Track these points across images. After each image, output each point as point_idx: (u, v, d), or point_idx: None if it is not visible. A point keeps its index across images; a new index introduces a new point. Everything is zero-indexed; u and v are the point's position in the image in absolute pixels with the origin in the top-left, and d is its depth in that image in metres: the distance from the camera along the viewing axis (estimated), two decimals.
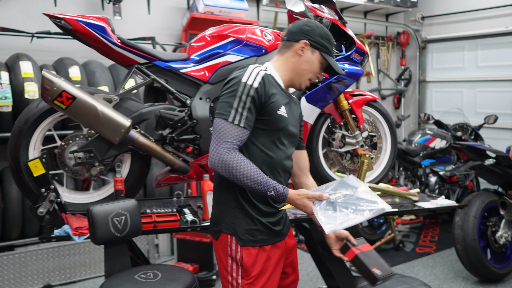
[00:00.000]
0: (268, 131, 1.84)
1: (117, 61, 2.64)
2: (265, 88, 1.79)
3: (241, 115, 1.76)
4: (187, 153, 2.77)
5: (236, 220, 1.86)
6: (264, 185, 1.74)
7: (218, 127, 1.77)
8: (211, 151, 1.77)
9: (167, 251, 4.49)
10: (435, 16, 6.52)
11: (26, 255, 3.67)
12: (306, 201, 1.77)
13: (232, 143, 1.75)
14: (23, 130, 2.50)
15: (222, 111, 1.77)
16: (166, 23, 4.84)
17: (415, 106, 6.88)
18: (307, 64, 1.91)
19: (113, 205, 2.30)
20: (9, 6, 4.00)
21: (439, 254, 4.61)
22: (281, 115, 1.85)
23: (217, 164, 1.75)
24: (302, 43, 1.89)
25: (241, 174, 1.72)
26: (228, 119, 1.75)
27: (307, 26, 1.91)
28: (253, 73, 1.79)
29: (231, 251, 1.87)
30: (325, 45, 1.91)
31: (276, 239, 1.93)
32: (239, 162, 1.73)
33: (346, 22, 2.92)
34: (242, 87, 1.76)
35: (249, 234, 1.86)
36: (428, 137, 5.13)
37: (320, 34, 1.91)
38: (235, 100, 1.76)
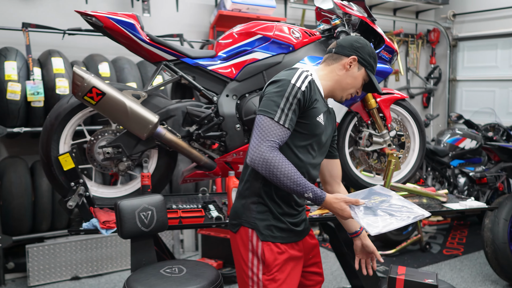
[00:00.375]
0: (304, 135, 1.86)
1: (146, 57, 2.67)
2: (311, 93, 1.81)
3: (287, 115, 1.77)
4: (213, 149, 2.79)
5: (258, 215, 1.88)
6: (302, 187, 1.75)
7: (263, 124, 1.77)
8: (252, 147, 1.77)
9: (192, 247, 4.53)
10: (467, 14, 6.37)
11: (55, 247, 3.76)
12: (344, 205, 1.78)
13: (275, 142, 1.76)
14: (54, 125, 2.56)
15: (268, 109, 1.77)
16: (194, 20, 4.87)
17: (444, 105, 6.75)
18: (352, 79, 1.95)
19: (140, 200, 2.33)
20: (42, 4, 4.10)
21: (467, 256, 4.52)
22: (319, 122, 1.87)
23: (257, 161, 1.75)
24: (351, 58, 1.93)
25: (282, 173, 1.73)
26: (274, 118, 1.76)
27: (358, 43, 1.96)
28: (301, 76, 1.81)
29: (252, 246, 1.88)
30: (371, 63, 1.96)
31: (294, 239, 1.95)
32: (280, 162, 1.74)
33: (375, 20, 2.88)
34: (290, 88, 1.78)
35: (269, 230, 1.87)
36: (457, 137, 5.03)
37: (368, 52, 1.96)
38: (282, 100, 1.77)
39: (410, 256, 4.51)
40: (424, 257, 4.51)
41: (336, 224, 2.98)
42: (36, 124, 3.61)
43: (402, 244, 4.58)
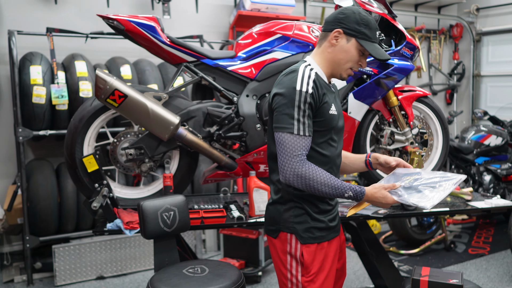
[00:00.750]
0: (322, 131, 1.83)
1: (166, 59, 2.69)
2: (319, 91, 1.78)
3: (304, 124, 1.75)
4: (233, 150, 2.80)
5: (296, 218, 1.87)
6: (341, 189, 1.75)
7: (285, 141, 1.75)
8: (283, 167, 1.76)
9: (214, 247, 4.55)
10: (491, 7, 6.24)
11: (80, 247, 3.82)
12: (385, 192, 1.78)
13: (302, 154, 1.75)
14: (78, 128, 2.60)
15: (284, 124, 1.75)
16: (214, 21, 4.89)
17: (468, 101, 6.62)
18: (343, 54, 1.84)
19: (162, 201, 2.36)
20: (65, 8, 4.17)
21: (493, 256, 4.43)
22: (332, 114, 1.84)
23: (292, 179, 1.75)
24: (335, 32, 1.83)
25: (319, 183, 1.73)
26: (293, 132, 1.74)
27: (341, 14, 1.84)
28: (304, 78, 1.76)
29: (290, 249, 1.88)
30: (361, 31, 1.82)
31: (332, 235, 1.94)
32: (314, 173, 1.74)
33: (396, 16, 2.85)
34: (298, 95, 1.74)
35: (309, 232, 1.86)
36: (482, 134, 4.94)
37: (356, 20, 1.82)
38: (294, 110, 1.74)
39: (435, 256, 4.45)
40: (449, 256, 4.44)
41: (358, 223, 2.96)
42: (60, 126, 3.68)
43: (426, 243, 4.52)
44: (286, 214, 1.88)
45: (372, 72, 2.76)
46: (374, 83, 2.77)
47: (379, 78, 2.75)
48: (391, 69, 2.75)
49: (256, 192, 2.57)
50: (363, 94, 2.79)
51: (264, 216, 2.01)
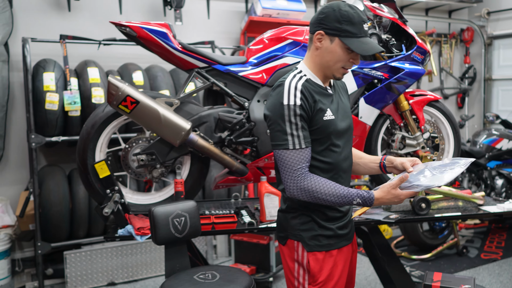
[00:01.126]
0: (320, 139, 1.79)
1: (178, 65, 2.71)
2: (308, 100, 1.73)
3: (298, 137, 1.72)
4: (245, 155, 2.81)
5: (302, 226, 1.85)
6: (348, 197, 1.73)
7: (283, 158, 1.74)
8: (286, 183, 1.75)
9: (225, 252, 4.55)
10: (501, 11, 6.20)
11: (92, 253, 3.84)
12: (394, 192, 1.75)
13: (302, 168, 1.73)
14: (90, 134, 2.63)
15: (279, 141, 1.74)
16: (225, 27, 4.92)
17: (480, 105, 6.58)
18: (329, 55, 1.76)
19: (173, 206, 2.36)
20: (78, 16, 4.22)
21: (506, 261, 4.38)
22: (328, 120, 1.78)
23: (297, 194, 1.74)
24: (317, 34, 1.76)
25: (324, 194, 1.72)
26: (289, 147, 1.72)
27: (321, 14, 1.75)
28: (291, 90, 1.72)
29: (297, 256, 1.87)
30: (343, 28, 1.72)
31: (342, 243, 1.90)
32: (317, 184, 1.72)
33: (406, 21, 2.85)
34: (287, 110, 1.71)
35: (315, 240, 1.84)
36: (494, 137, 4.90)
37: (336, 18, 1.72)
38: (286, 125, 1.72)
39: (447, 261, 4.41)
40: (461, 261, 4.40)
41: (369, 229, 2.95)
42: (73, 133, 3.70)
43: (438, 248, 4.48)
44: (293, 221, 1.87)
45: (383, 76, 2.75)
46: (385, 88, 2.76)
47: (390, 82, 2.75)
48: (402, 73, 2.75)
49: (267, 198, 2.57)
50: (374, 99, 2.78)
51: (276, 222, 2.01)
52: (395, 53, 2.80)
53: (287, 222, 1.89)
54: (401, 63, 2.77)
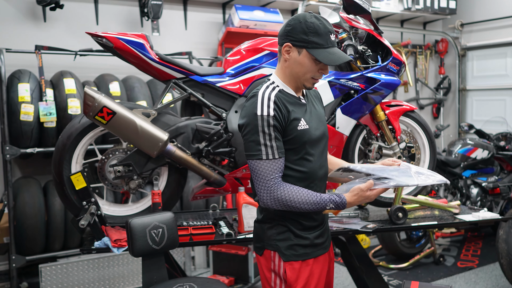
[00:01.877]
0: (294, 149, 1.81)
1: (155, 76, 2.70)
2: (282, 111, 1.75)
3: (272, 147, 1.73)
4: (222, 166, 2.80)
5: (279, 236, 1.86)
6: (321, 203, 1.75)
7: (256, 168, 1.75)
8: (259, 193, 1.76)
9: (203, 263, 4.52)
10: (475, 23, 6.36)
11: (68, 266, 3.77)
12: (366, 193, 1.79)
13: (275, 178, 1.75)
14: (66, 145, 2.59)
15: (252, 151, 1.75)
16: (203, 38, 4.92)
17: (455, 115, 6.71)
18: (298, 66, 1.79)
19: (150, 218, 2.34)
20: (54, 26, 4.18)
21: (482, 269, 4.45)
22: (302, 129, 1.80)
23: (271, 203, 1.75)
24: (285, 46, 1.78)
25: (297, 202, 1.74)
26: (262, 158, 1.73)
27: (288, 26, 1.78)
28: (264, 101, 1.74)
29: (274, 266, 1.87)
30: (310, 40, 1.74)
31: (318, 252, 1.91)
32: (290, 192, 1.74)
33: (382, 32, 2.90)
34: (260, 120, 1.72)
35: (291, 249, 1.85)
36: (469, 147, 4.99)
37: (302, 30, 1.74)
38: (259, 136, 1.73)
39: (424, 270, 4.45)
40: (438, 270, 4.45)
41: (347, 238, 2.96)
42: (48, 144, 3.65)
43: (415, 257, 4.53)
44: (269, 231, 1.87)
45: (359, 87, 2.79)
46: (361, 98, 2.80)
47: (366, 93, 2.79)
48: (378, 84, 2.79)
49: (245, 208, 2.57)
50: (351, 109, 2.81)
51: (252, 233, 2.01)
52: (371, 64, 2.85)
53: (264, 232, 1.89)
54: (377, 74, 2.81)
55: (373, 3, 5.40)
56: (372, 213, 3.00)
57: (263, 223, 1.90)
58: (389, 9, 5.62)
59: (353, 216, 2.88)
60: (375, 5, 5.42)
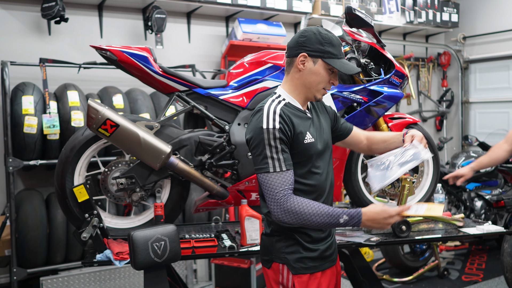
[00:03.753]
0: (300, 162, 1.82)
1: (159, 89, 2.71)
2: (287, 124, 1.76)
3: (279, 160, 1.73)
4: (225, 178, 2.80)
5: (288, 249, 1.85)
6: (334, 216, 1.72)
7: (265, 181, 1.75)
8: (271, 207, 1.75)
9: (205, 277, 4.49)
10: (477, 36, 6.39)
11: (69, 279, 3.75)
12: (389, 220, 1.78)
13: (285, 190, 1.73)
14: (69, 157, 2.59)
15: (261, 165, 1.75)
16: (206, 51, 4.95)
17: (458, 128, 6.70)
18: (313, 76, 1.82)
19: (153, 231, 2.33)
20: (59, 39, 4.21)
21: (487, 282, 4.41)
22: (308, 143, 1.82)
23: (282, 217, 1.74)
24: (300, 56, 1.81)
25: (310, 214, 1.71)
26: (269, 171, 1.73)
27: (302, 37, 1.82)
28: (270, 115, 1.75)
29: (282, 279, 1.86)
30: (326, 50, 1.80)
31: (326, 265, 1.91)
32: (302, 205, 1.72)
33: (384, 45, 2.91)
34: (266, 134, 1.73)
35: (300, 262, 1.84)
36: (472, 160, 4.97)
37: (318, 40, 1.80)
38: (266, 149, 1.74)
39: (428, 283, 4.41)
40: (442, 283, 4.41)
41: (350, 251, 2.94)
42: (51, 156, 3.66)
43: (419, 271, 4.49)
44: (278, 244, 1.87)
45: (362, 100, 2.79)
46: (364, 111, 2.80)
47: (369, 105, 2.79)
48: (381, 96, 2.79)
49: (248, 221, 2.56)
50: (354, 122, 2.81)
51: (260, 246, 2.00)
52: (374, 77, 2.85)
53: (272, 245, 1.89)
54: (380, 87, 2.82)
55: (376, 17, 5.43)
56: None
57: (272, 236, 1.89)
58: (391, 22, 5.65)
59: (356, 229, 2.87)
60: (377, 18, 5.45)
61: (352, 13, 2.76)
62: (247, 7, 4.60)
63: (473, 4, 6.39)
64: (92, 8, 4.35)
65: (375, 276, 2.98)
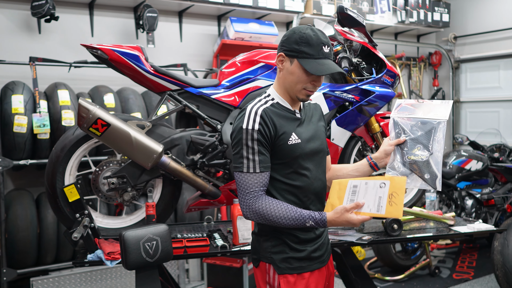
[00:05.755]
0: (285, 163, 1.80)
1: (150, 88, 2.70)
2: (268, 125, 1.74)
3: (254, 161, 1.74)
4: (217, 177, 2.79)
5: (274, 248, 1.85)
6: (300, 219, 1.73)
7: (238, 180, 1.77)
8: (241, 205, 1.78)
9: (197, 276, 4.48)
10: (468, 36, 6.43)
11: (60, 279, 3.72)
12: (348, 216, 1.72)
13: (255, 191, 1.75)
14: (60, 157, 2.57)
15: (236, 163, 1.77)
16: (198, 50, 4.93)
17: (449, 127, 6.74)
18: (290, 76, 1.79)
19: (144, 230, 2.32)
20: (49, 38, 4.18)
21: (477, 280, 4.44)
22: (293, 144, 1.79)
23: (250, 216, 1.77)
24: (278, 56, 1.80)
25: (276, 216, 1.73)
26: (243, 170, 1.75)
27: (284, 37, 1.81)
28: (251, 115, 1.75)
29: (269, 279, 1.86)
30: (301, 50, 1.74)
31: (315, 266, 1.89)
32: (269, 207, 1.73)
33: (376, 45, 2.91)
34: (245, 134, 1.73)
35: (286, 262, 1.83)
36: (463, 158, 5.00)
37: (295, 40, 1.75)
38: (243, 149, 1.74)
39: (420, 281, 4.44)
40: (433, 282, 4.43)
41: (342, 250, 2.95)
42: (42, 156, 3.62)
43: (410, 269, 4.52)
44: (265, 244, 1.87)
45: (354, 99, 2.80)
46: (356, 110, 2.80)
47: (361, 105, 2.79)
48: (373, 96, 2.80)
49: (240, 220, 2.56)
50: (346, 121, 2.82)
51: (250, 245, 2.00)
52: (366, 76, 2.86)
53: (260, 244, 1.89)
54: (372, 86, 2.83)
55: (367, 16, 5.44)
56: (367, 225, 2.99)
57: (259, 235, 1.89)
58: (383, 22, 5.67)
59: (348, 228, 2.87)
60: (369, 18, 5.46)
61: (344, 13, 2.77)
62: (239, 6, 4.59)
63: (464, 4, 6.44)
64: (83, 7, 4.32)
65: (367, 274, 2.99)
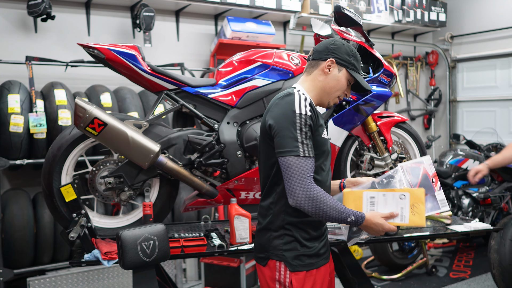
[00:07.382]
0: (316, 155, 1.85)
1: (147, 87, 2.69)
2: (315, 114, 1.83)
3: (308, 145, 1.77)
4: (214, 177, 2.79)
5: (285, 246, 1.86)
6: (345, 212, 1.77)
7: (293, 164, 1.75)
8: (294, 190, 1.75)
9: (195, 276, 4.48)
10: (464, 35, 6.44)
11: (56, 279, 3.71)
12: (382, 220, 1.83)
13: (311, 176, 1.76)
14: (57, 156, 2.56)
15: (290, 147, 1.76)
16: (195, 49, 4.93)
17: (445, 126, 6.75)
18: (334, 82, 1.92)
19: (141, 230, 2.31)
20: (45, 37, 4.16)
21: (474, 279, 4.45)
22: (324, 138, 1.89)
23: (304, 202, 1.75)
24: (329, 61, 1.91)
25: (328, 206, 1.74)
26: (300, 154, 1.75)
27: (333, 45, 1.93)
28: (301, 101, 1.80)
29: (279, 276, 1.87)
30: (351, 62, 1.93)
31: (321, 262, 1.92)
32: (323, 195, 1.76)
33: (373, 44, 2.92)
34: (298, 118, 1.77)
35: (298, 259, 1.86)
36: (460, 158, 5.01)
37: (346, 51, 1.92)
38: (297, 132, 1.76)
39: (417, 280, 4.45)
40: (430, 281, 4.44)
41: (340, 249, 2.95)
42: (38, 155, 3.61)
43: (407, 268, 4.53)
44: (275, 241, 1.87)
45: (351, 98, 2.80)
46: (353, 109, 2.80)
47: (358, 104, 2.79)
48: (370, 95, 2.80)
49: (237, 220, 2.55)
50: (343, 120, 2.82)
51: (254, 243, 2.00)
52: (363, 75, 2.86)
53: (269, 242, 1.89)
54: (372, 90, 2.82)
55: (364, 16, 5.45)
56: None
57: (269, 230, 1.89)
58: (380, 21, 5.67)
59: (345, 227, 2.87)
60: (366, 17, 5.47)
61: (341, 12, 2.77)
62: (236, 6, 4.59)
63: (461, 4, 6.45)
64: (79, 6, 4.31)
65: (364, 273, 2.99)
